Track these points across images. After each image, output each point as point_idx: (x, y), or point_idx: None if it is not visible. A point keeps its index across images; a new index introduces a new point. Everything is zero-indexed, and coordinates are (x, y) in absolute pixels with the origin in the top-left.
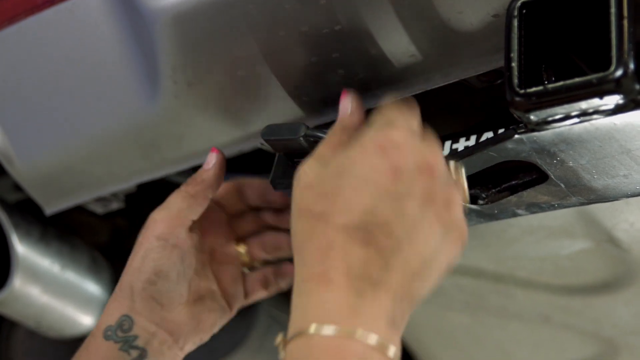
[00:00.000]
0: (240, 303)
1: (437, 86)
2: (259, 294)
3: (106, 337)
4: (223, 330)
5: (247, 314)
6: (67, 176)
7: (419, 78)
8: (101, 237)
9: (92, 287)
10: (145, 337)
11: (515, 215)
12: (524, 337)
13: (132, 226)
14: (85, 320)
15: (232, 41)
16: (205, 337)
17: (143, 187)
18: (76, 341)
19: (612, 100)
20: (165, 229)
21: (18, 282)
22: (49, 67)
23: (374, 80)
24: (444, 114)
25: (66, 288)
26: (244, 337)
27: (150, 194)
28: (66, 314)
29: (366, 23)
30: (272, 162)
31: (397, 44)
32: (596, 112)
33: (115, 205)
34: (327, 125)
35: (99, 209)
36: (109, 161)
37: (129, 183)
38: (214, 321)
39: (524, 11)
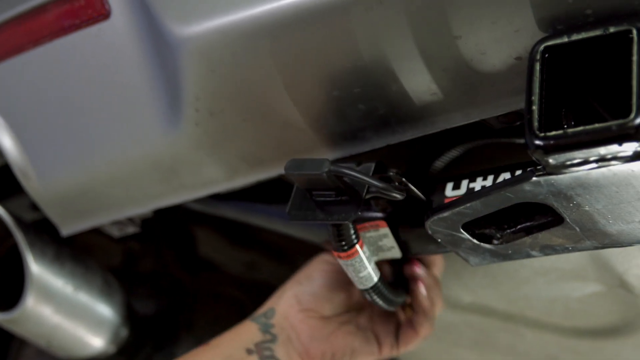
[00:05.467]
0: (390, 344)
1: (457, 125)
2: (412, 339)
3: (252, 319)
4: None
5: None
6: (85, 198)
7: (439, 117)
8: (114, 259)
9: (104, 309)
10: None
11: (529, 256)
12: None
13: (145, 249)
14: (96, 342)
15: (256, 73)
16: (338, 356)
17: (158, 212)
18: None
19: (631, 147)
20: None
21: (31, 301)
22: (73, 89)
23: (394, 117)
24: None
25: (78, 309)
26: None
27: (165, 218)
28: (77, 335)
29: (389, 60)
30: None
31: (419, 82)
32: (614, 158)
33: (131, 229)
34: (347, 160)
35: (115, 232)
36: (128, 185)
37: (147, 207)
38: (349, 345)
39: (547, 55)
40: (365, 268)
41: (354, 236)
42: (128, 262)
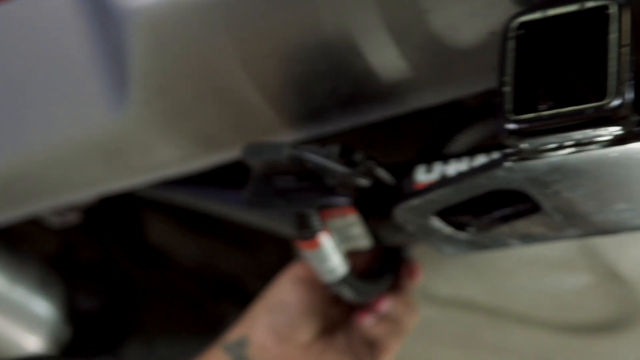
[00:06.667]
0: None
1: (429, 104)
2: (384, 355)
3: (224, 348)
4: (177, 352)
5: (211, 333)
6: (20, 183)
7: (410, 95)
8: (50, 247)
9: (41, 306)
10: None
11: (508, 245)
12: None
13: (86, 237)
14: (31, 342)
15: (210, 49)
16: None
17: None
18: None
19: (609, 131)
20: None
21: None
22: (5, 62)
23: (362, 95)
24: (436, 132)
25: (13, 306)
26: None
27: (110, 204)
28: (10, 335)
29: (355, 35)
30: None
31: (387, 58)
32: (592, 142)
33: (73, 219)
34: (309, 142)
35: (55, 222)
36: (68, 168)
37: (90, 192)
38: None
39: (522, 32)
40: (331, 259)
41: (317, 224)
42: (67, 252)
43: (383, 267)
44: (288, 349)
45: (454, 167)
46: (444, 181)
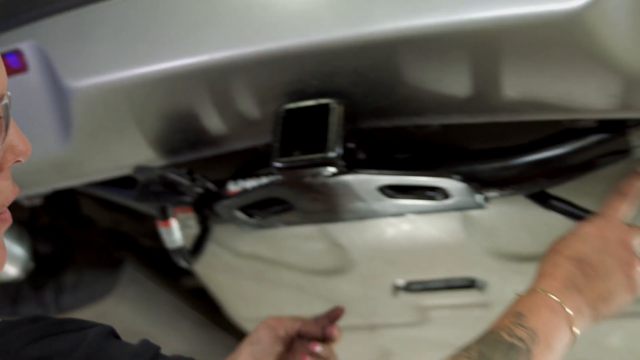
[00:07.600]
0: None
1: (238, 148)
2: None
3: None
4: (95, 279)
5: (115, 268)
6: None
7: (227, 143)
8: (23, 216)
9: (17, 250)
10: None
11: (278, 226)
12: (289, 299)
13: (44, 210)
14: (11, 271)
15: (120, 113)
16: None
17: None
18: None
19: (328, 170)
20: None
21: None
22: None
23: (201, 141)
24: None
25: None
26: (112, 285)
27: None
28: None
29: (196, 110)
30: None
31: (214, 123)
32: (321, 174)
33: (37, 201)
34: (172, 165)
35: (26, 203)
36: (37, 175)
37: (47, 188)
38: None
39: (286, 114)
40: (174, 235)
41: (171, 213)
42: (33, 218)
43: (198, 245)
44: None
45: (250, 183)
46: (244, 191)
